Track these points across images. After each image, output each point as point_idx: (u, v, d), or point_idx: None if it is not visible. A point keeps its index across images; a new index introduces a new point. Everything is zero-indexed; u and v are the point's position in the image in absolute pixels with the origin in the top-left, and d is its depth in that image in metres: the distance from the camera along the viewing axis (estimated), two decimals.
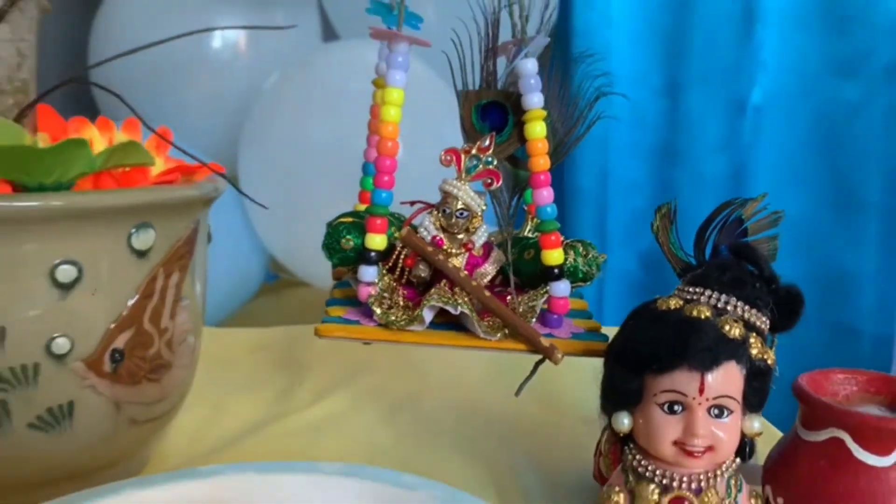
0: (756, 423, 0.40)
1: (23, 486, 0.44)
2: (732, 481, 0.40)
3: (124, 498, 0.42)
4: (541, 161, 0.45)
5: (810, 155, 1.45)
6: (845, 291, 1.47)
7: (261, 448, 0.57)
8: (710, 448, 0.39)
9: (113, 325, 0.43)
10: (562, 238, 0.46)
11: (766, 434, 0.44)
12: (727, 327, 0.39)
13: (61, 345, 0.41)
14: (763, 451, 0.44)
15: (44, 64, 0.51)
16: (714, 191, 1.48)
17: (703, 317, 0.39)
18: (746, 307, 0.40)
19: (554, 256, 0.45)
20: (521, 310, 0.45)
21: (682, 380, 0.38)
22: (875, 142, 1.41)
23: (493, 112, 0.47)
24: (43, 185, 0.39)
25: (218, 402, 0.63)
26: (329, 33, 1.24)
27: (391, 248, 0.46)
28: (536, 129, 0.45)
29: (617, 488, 0.42)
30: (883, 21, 1.37)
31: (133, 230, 0.43)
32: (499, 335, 0.44)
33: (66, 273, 0.41)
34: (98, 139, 0.48)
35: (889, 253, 1.42)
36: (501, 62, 0.49)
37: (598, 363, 0.43)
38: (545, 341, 0.43)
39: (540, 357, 0.45)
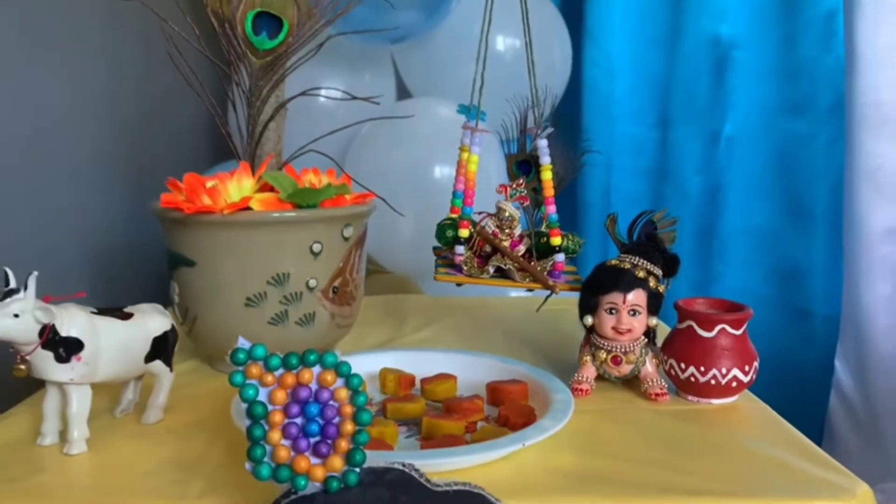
0: (654, 320, 0.81)
1: None
2: (643, 349, 0.82)
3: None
4: (549, 191, 0.87)
5: (770, 175, 1.83)
6: (800, 281, 1.84)
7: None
8: (629, 330, 0.80)
9: (334, 274, 0.86)
10: (560, 231, 0.88)
11: (662, 329, 0.85)
12: (638, 272, 0.80)
13: (312, 283, 0.84)
14: (661, 336, 0.86)
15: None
16: (696, 203, 1.88)
17: (626, 267, 0.81)
18: (648, 264, 0.82)
19: (556, 241, 0.87)
20: (539, 269, 0.87)
21: (615, 297, 0.80)
22: (820, 165, 1.78)
23: (524, 165, 0.90)
24: (309, 205, 0.82)
25: (359, 334, 1.05)
26: (401, 90, 1.68)
27: (471, 236, 0.88)
28: (547, 175, 0.87)
29: (585, 352, 0.83)
30: (824, 72, 1.75)
31: (344, 227, 0.86)
32: (527, 279, 0.86)
33: (316, 247, 0.83)
34: (313, 178, 0.91)
35: (833, 250, 1.76)
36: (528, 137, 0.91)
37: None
38: (552, 283, 0.85)
39: (549, 293, 0.87)
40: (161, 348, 0.73)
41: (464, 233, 0.87)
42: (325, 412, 0.52)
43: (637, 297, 0.80)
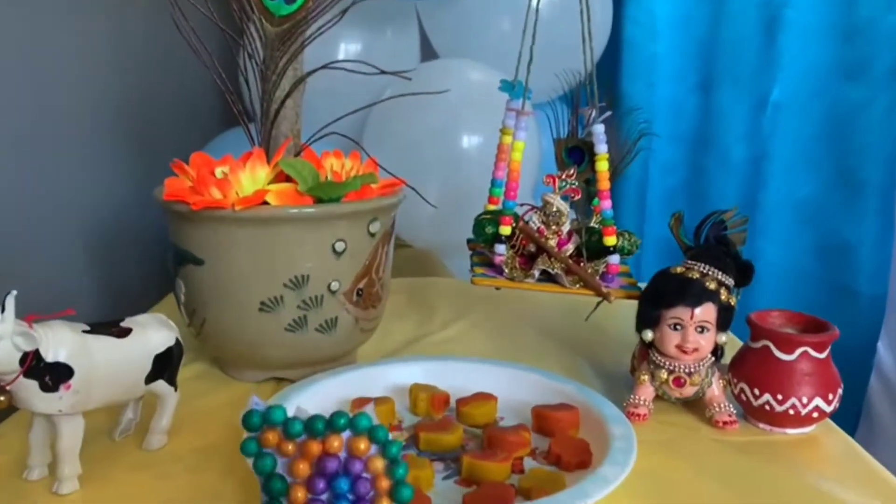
0: (724, 337, 0.71)
1: (306, 363, 0.78)
2: (709, 370, 0.72)
3: (365, 371, 0.75)
4: (605, 184, 0.77)
5: (820, 144, 1.70)
6: (846, 258, 1.73)
7: (415, 354, 0.90)
8: (696, 350, 0.70)
9: (358, 274, 0.76)
10: (615, 229, 0.78)
11: (732, 343, 0.76)
12: (708, 283, 0.70)
13: (334, 286, 0.74)
14: (728, 354, 0.76)
15: None
16: (738, 173, 1.76)
17: (694, 277, 0.71)
18: (720, 273, 0.71)
19: (610, 240, 0.77)
20: (590, 271, 0.77)
21: (681, 312, 0.70)
22: (875, 134, 1.64)
23: (575, 152, 0.79)
24: (332, 198, 0.72)
25: (382, 327, 0.96)
26: (425, 49, 1.55)
27: (513, 233, 0.78)
28: (603, 166, 0.76)
29: (644, 371, 0.74)
30: (884, 31, 1.60)
31: (370, 222, 0.75)
32: (577, 286, 0.76)
33: (339, 246, 0.73)
34: (335, 162, 0.81)
35: (884, 226, 1.65)
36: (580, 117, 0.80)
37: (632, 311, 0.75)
38: (605, 289, 0.75)
39: (600, 299, 0.77)
40: (164, 366, 0.64)
41: (505, 230, 0.77)
42: (357, 487, 0.42)
43: (706, 312, 0.70)
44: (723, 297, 0.71)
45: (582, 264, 0.78)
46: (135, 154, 1.19)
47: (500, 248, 0.77)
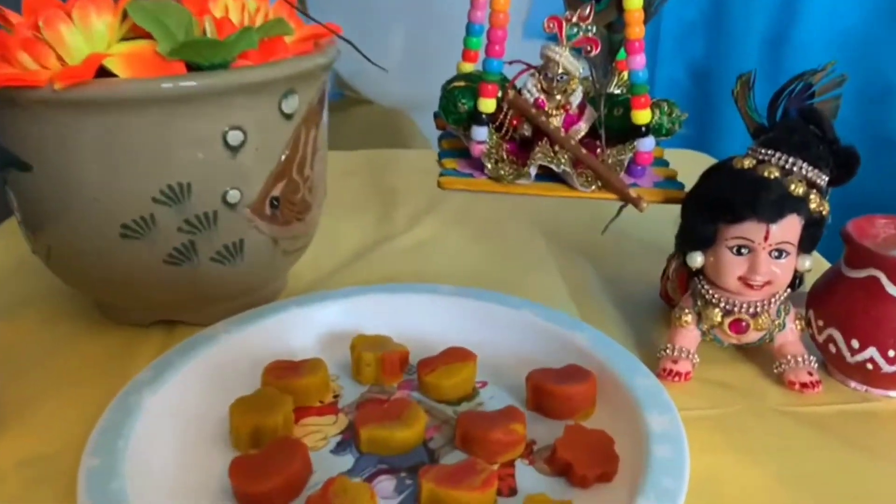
0: (808, 262, 0.48)
1: (203, 303, 0.55)
2: (783, 307, 0.50)
3: (291, 314, 0.53)
4: (637, 29, 0.51)
5: None
6: (890, 105, 1.49)
7: (370, 271, 0.67)
8: (768, 282, 0.48)
9: (270, 177, 0.52)
10: (650, 98, 0.52)
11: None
12: (792, 186, 0.46)
13: (233, 195, 0.50)
14: (808, 279, 0.53)
15: None
16: (764, 4, 1.47)
17: (772, 176, 0.46)
18: (810, 167, 0.47)
19: (643, 116, 0.52)
20: (610, 161, 0.53)
21: (751, 229, 0.46)
22: None
23: None
24: (215, 63, 0.46)
25: (328, 228, 0.72)
26: None
27: (499, 109, 0.53)
28: (635, 2, 0.49)
29: (687, 310, 0.51)
30: None
31: (283, 97, 0.50)
32: (593, 187, 0.51)
33: (234, 137, 0.48)
34: (231, 4, 0.54)
35: None
36: None
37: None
38: (633, 192, 0.51)
39: (624, 204, 0.53)
40: None
41: (488, 104, 0.52)
42: None
43: (787, 228, 0.47)
44: (812, 205, 0.47)
45: (599, 152, 0.53)
46: None
47: (480, 133, 0.52)
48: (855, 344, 0.47)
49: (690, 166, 0.54)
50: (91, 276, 0.53)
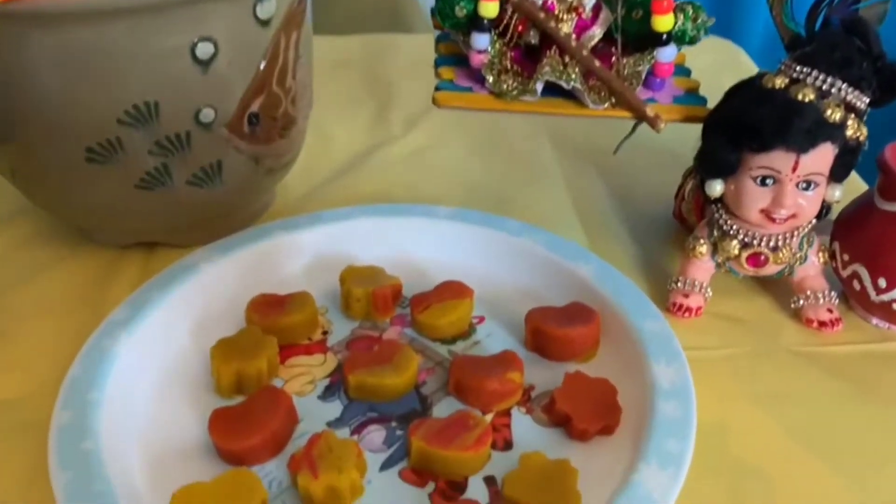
0: (837, 192, 0.44)
1: (183, 228, 0.52)
2: (806, 239, 0.46)
3: (276, 240, 0.50)
4: None
5: None
6: None
7: (363, 183, 0.62)
8: (792, 216, 0.44)
9: (247, 92, 0.47)
10: (673, 1, 0.46)
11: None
12: (829, 111, 0.41)
13: (207, 114, 0.45)
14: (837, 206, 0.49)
15: None
16: None
17: (807, 100, 0.41)
18: (850, 89, 0.42)
19: (664, 22, 0.46)
20: (626, 73, 0.47)
21: (779, 159, 0.42)
22: None
23: None
24: None
25: (319, 131, 0.67)
26: None
27: (502, 14, 0.47)
28: None
29: (702, 240, 0.48)
30: None
31: (256, 0, 0.44)
32: (606, 104, 0.46)
33: (204, 49, 0.43)
34: None
35: None
36: None
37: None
38: (650, 110, 0.46)
39: (639, 121, 0.48)
40: None
41: (489, 8, 0.46)
42: None
43: (819, 158, 0.42)
44: (849, 132, 0.42)
45: (614, 62, 0.48)
46: None
47: (481, 41, 0.46)
48: (882, 283, 0.44)
49: (713, 56, 0.48)
50: (60, 201, 0.49)
